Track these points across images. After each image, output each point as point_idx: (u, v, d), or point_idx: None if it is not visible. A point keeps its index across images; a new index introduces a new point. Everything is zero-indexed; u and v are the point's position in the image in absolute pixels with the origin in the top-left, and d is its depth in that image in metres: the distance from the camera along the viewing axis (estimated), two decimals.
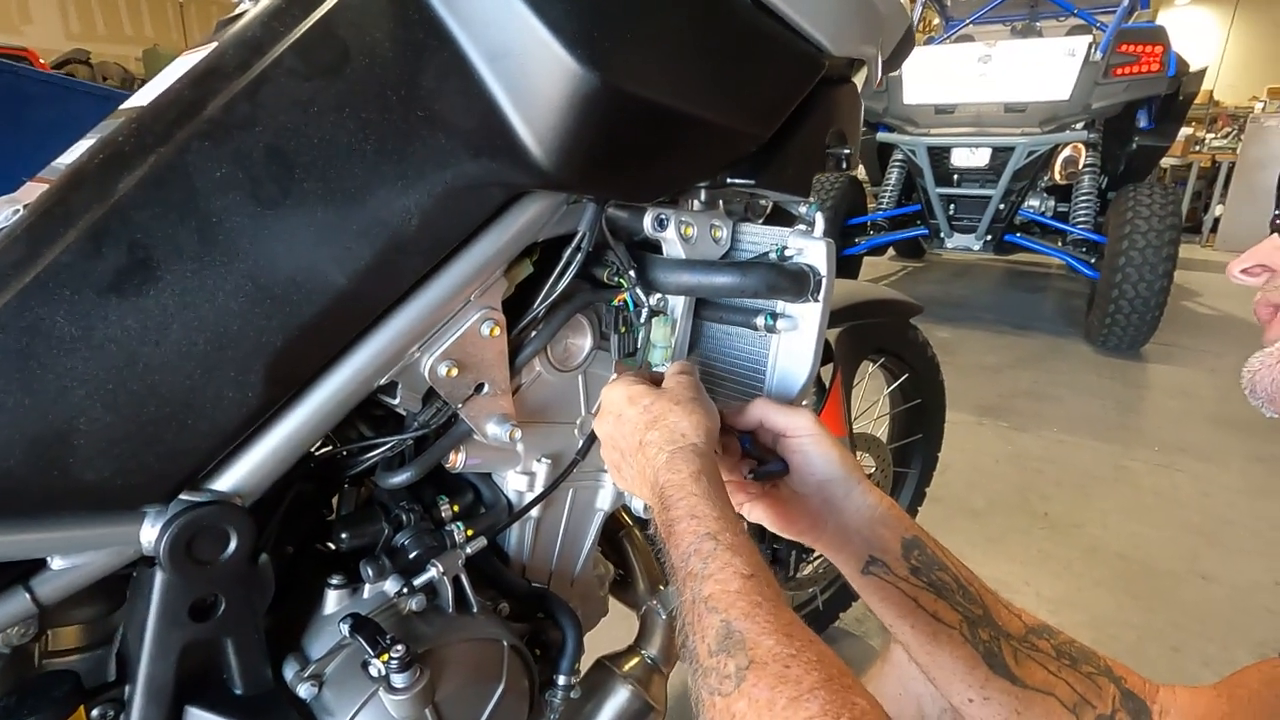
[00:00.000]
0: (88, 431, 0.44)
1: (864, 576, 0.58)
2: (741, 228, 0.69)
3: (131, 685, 0.51)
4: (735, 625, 0.39)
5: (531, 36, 0.48)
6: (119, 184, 0.44)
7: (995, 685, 0.54)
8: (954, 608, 0.56)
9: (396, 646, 0.53)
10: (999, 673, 0.54)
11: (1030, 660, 0.55)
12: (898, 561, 0.57)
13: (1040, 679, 0.54)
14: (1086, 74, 3.42)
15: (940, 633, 0.55)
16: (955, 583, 0.57)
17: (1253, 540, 1.89)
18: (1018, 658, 0.55)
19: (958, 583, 0.57)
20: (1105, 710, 0.54)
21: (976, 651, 0.55)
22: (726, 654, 0.38)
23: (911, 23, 0.76)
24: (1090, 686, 0.55)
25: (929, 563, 0.58)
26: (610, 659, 0.83)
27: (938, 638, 0.55)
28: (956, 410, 2.53)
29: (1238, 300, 4.50)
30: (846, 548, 0.58)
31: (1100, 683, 0.55)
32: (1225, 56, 10.61)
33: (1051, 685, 0.54)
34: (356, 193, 0.49)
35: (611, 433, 0.59)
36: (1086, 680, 0.55)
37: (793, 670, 0.36)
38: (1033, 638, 0.56)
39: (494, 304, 0.59)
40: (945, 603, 0.56)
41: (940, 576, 0.57)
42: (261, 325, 0.47)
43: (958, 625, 0.55)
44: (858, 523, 0.58)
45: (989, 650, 0.55)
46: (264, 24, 0.48)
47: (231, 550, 0.51)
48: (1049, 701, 0.54)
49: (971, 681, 0.55)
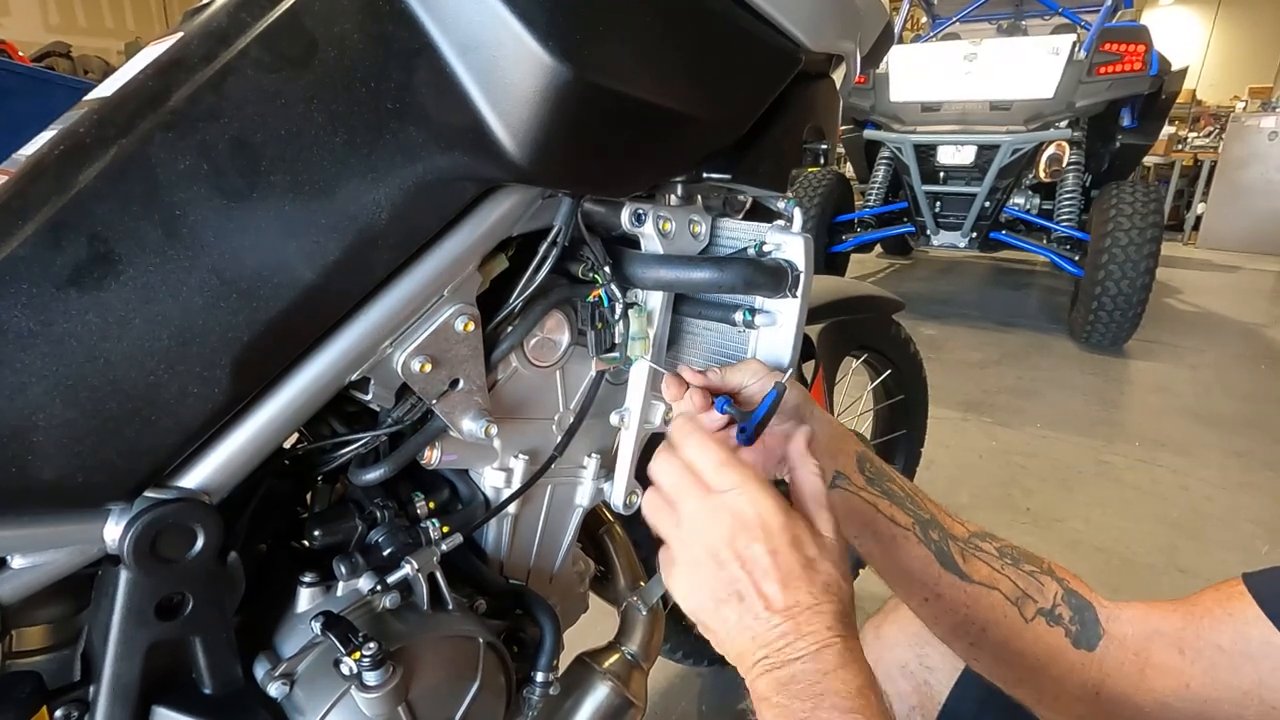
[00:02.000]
0: (47, 428, 0.43)
1: (831, 488, 0.61)
2: (720, 223, 0.69)
3: (96, 685, 0.50)
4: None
5: (503, 28, 0.47)
6: (79, 176, 0.43)
7: (946, 581, 0.59)
8: (906, 512, 0.61)
9: (369, 644, 0.53)
10: (949, 569, 0.59)
11: (975, 558, 0.60)
12: (855, 474, 0.62)
13: (985, 574, 0.59)
14: (1070, 72, 3.45)
15: (898, 535, 0.60)
16: (903, 491, 0.63)
17: (1230, 534, 1.91)
18: (965, 556, 0.60)
19: (905, 491, 0.63)
20: (1046, 605, 0.58)
21: (929, 550, 0.60)
22: None
23: (890, 18, 0.76)
24: (1031, 583, 0.59)
25: (879, 474, 0.63)
26: (590, 655, 0.82)
27: (895, 539, 0.60)
28: (941, 406, 2.55)
29: (1218, 298, 4.56)
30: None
31: (1042, 580, 0.59)
32: (1207, 56, 10.73)
33: (995, 580, 0.58)
34: (325, 186, 0.48)
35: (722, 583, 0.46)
36: (1028, 577, 0.59)
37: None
38: (976, 540, 0.61)
39: (468, 299, 0.59)
40: (899, 508, 0.61)
41: (890, 486, 0.63)
42: (227, 320, 0.47)
43: (911, 527, 0.60)
44: (821, 444, 0.61)
45: (939, 549, 0.60)
46: (230, 14, 0.47)
47: (198, 548, 0.50)
48: (993, 596, 0.58)
49: (926, 579, 0.59)
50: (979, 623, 0.58)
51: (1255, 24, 10.40)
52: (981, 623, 0.57)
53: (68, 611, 0.53)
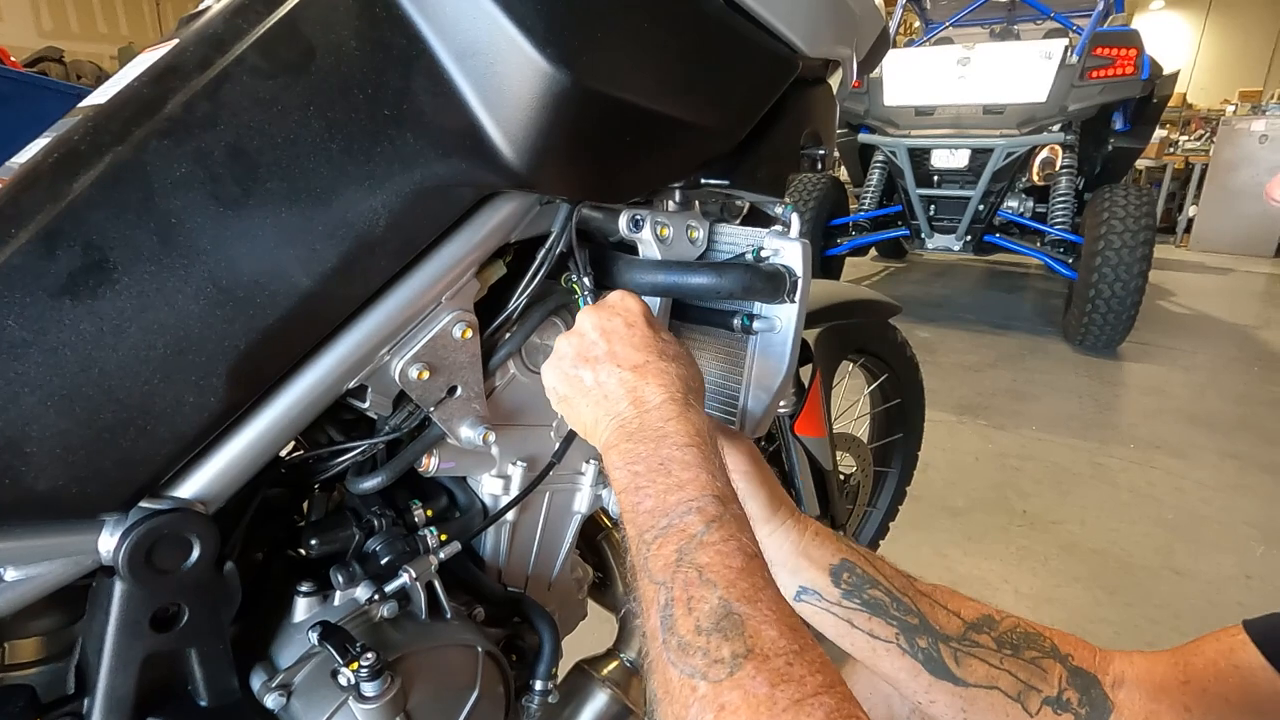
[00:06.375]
0: (41, 439, 0.42)
1: (797, 603, 0.59)
2: (718, 228, 0.69)
3: (90, 698, 0.49)
4: (735, 607, 0.35)
5: (500, 35, 0.47)
6: (74, 183, 0.43)
7: (939, 689, 0.55)
8: (888, 622, 0.57)
9: (366, 654, 0.52)
10: (940, 676, 0.55)
11: (970, 658, 0.56)
12: (828, 588, 0.59)
13: (982, 674, 0.55)
14: (1063, 76, 3.46)
15: (878, 648, 0.57)
16: (888, 597, 0.58)
17: (1225, 535, 1.92)
18: (958, 658, 0.56)
19: (890, 596, 0.58)
20: (1051, 692, 0.55)
21: (916, 660, 0.56)
22: (721, 636, 0.34)
23: (886, 24, 0.76)
24: (1034, 672, 0.56)
25: (860, 583, 0.59)
26: (589, 663, 0.82)
27: (876, 652, 0.57)
28: (937, 409, 2.55)
29: (1211, 300, 4.59)
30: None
31: (1045, 665, 0.56)
32: (1198, 60, 10.81)
33: (994, 679, 0.55)
34: (322, 193, 0.48)
35: (583, 349, 0.52)
36: (1030, 666, 0.56)
37: (795, 669, 0.33)
38: (972, 634, 0.57)
39: (466, 306, 0.58)
40: (879, 619, 0.57)
41: (872, 594, 0.58)
42: (224, 328, 0.46)
43: (894, 639, 0.57)
44: (782, 556, 0.60)
45: (928, 656, 0.56)
46: (227, 20, 0.47)
47: (194, 559, 0.49)
48: (993, 695, 0.55)
49: (916, 688, 0.56)
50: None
51: (1245, 28, 10.48)
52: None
53: (61, 623, 0.53)
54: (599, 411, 0.49)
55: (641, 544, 0.41)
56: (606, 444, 0.48)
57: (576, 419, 0.52)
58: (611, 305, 0.54)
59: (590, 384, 0.50)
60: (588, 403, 0.50)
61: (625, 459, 0.45)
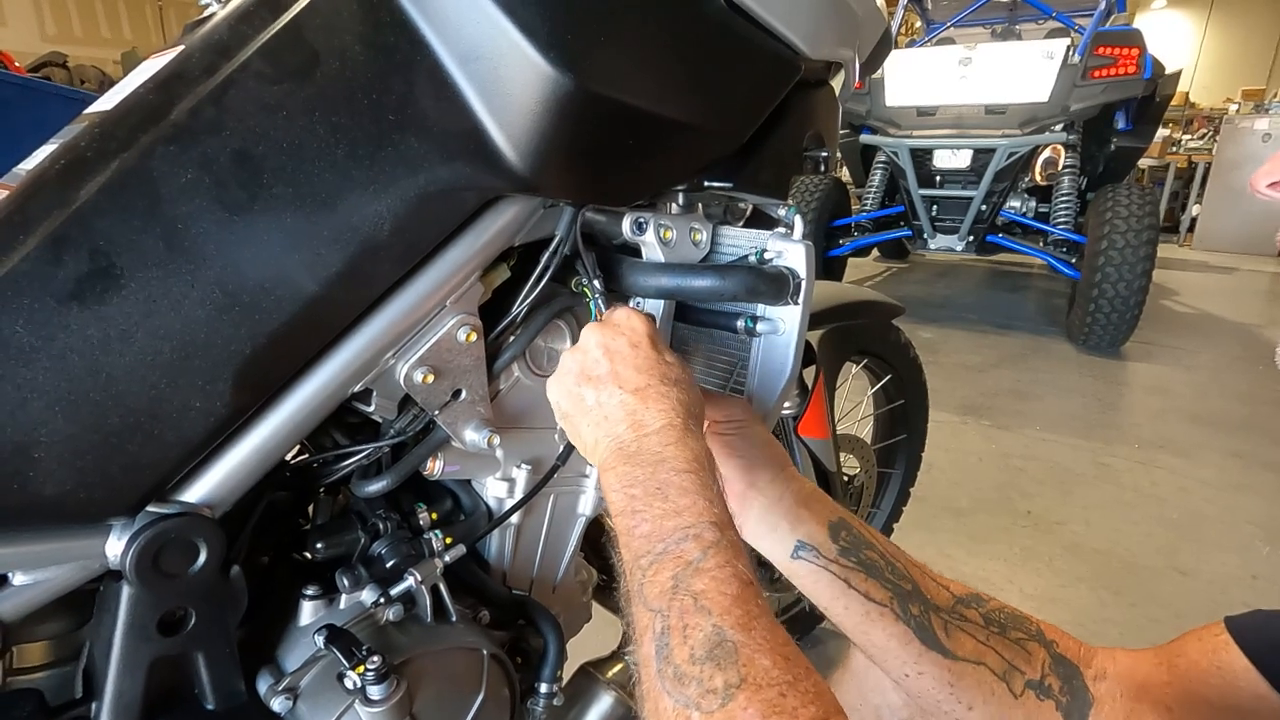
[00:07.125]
0: (49, 444, 0.43)
1: (793, 561, 0.59)
2: (721, 231, 0.69)
3: (98, 702, 0.49)
4: (729, 635, 0.35)
5: (504, 39, 0.47)
6: (81, 190, 0.43)
7: (928, 659, 0.55)
8: (884, 585, 0.57)
9: (372, 657, 0.52)
10: (931, 646, 0.55)
11: (960, 631, 0.56)
12: (826, 544, 0.59)
13: (970, 649, 0.55)
14: (1065, 76, 3.46)
15: (872, 611, 0.56)
16: (883, 560, 0.59)
17: (1229, 535, 1.91)
18: (948, 630, 0.56)
19: (885, 560, 0.59)
20: (1035, 675, 0.55)
21: (909, 627, 0.56)
22: (714, 664, 0.34)
23: (889, 25, 0.77)
24: (1019, 653, 0.56)
25: (857, 542, 0.59)
26: (594, 665, 0.82)
27: (870, 616, 0.56)
28: (940, 410, 2.55)
29: (1215, 299, 4.58)
30: (772, 534, 0.59)
31: (1030, 648, 0.56)
32: (1200, 59, 10.79)
33: (981, 655, 0.56)
34: (327, 198, 0.48)
35: (587, 367, 0.52)
36: (1015, 647, 0.56)
37: (789, 700, 0.32)
38: (961, 608, 0.58)
39: (470, 309, 0.59)
40: (875, 581, 0.57)
41: (869, 555, 0.59)
42: (230, 333, 0.46)
43: (888, 602, 0.56)
44: (782, 508, 0.59)
45: (920, 625, 0.56)
46: (232, 27, 0.48)
47: (201, 563, 0.50)
48: (980, 671, 0.55)
49: (906, 657, 0.56)
50: (965, 700, 0.55)
51: (1247, 26, 10.46)
52: (969, 700, 0.55)
53: (69, 628, 0.53)
54: (599, 432, 0.49)
55: (636, 568, 0.41)
56: (604, 465, 0.48)
57: (577, 437, 0.53)
58: (617, 324, 0.54)
59: (591, 404, 0.51)
60: (588, 422, 0.50)
61: (622, 481, 0.45)
